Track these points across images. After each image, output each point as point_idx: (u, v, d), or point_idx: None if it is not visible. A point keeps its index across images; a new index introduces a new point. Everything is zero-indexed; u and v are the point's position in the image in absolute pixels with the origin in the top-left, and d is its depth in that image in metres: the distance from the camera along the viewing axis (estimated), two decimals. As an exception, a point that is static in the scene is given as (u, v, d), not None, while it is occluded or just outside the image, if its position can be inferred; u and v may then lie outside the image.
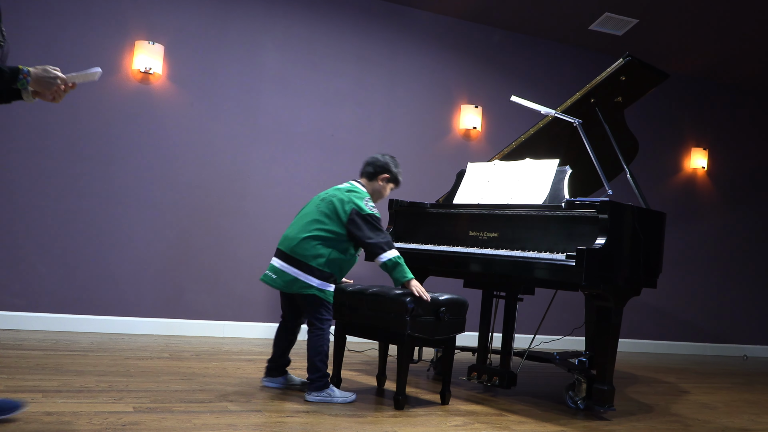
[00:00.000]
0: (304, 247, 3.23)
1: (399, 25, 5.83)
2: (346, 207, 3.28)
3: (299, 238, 3.25)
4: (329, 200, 3.33)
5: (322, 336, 3.23)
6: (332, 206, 3.30)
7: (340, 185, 3.48)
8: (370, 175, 3.51)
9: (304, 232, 3.26)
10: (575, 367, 3.62)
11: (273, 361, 3.48)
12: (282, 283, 3.27)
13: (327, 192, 3.43)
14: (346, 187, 3.42)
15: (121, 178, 4.92)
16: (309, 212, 3.36)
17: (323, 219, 3.28)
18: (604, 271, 3.18)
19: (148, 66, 4.92)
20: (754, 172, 7.33)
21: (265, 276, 3.36)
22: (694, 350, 6.93)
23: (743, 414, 3.89)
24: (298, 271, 3.23)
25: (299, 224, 3.33)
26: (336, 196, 3.33)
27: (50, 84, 2.34)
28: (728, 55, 6.63)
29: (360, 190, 3.41)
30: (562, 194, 3.59)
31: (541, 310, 4.34)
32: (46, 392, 2.93)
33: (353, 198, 3.32)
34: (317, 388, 3.19)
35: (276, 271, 3.30)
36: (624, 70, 3.89)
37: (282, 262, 3.29)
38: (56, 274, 4.73)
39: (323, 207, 3.32)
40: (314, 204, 3.40)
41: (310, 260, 3.22)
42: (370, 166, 3.52)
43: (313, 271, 3.21)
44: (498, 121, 6.10)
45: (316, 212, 3.32)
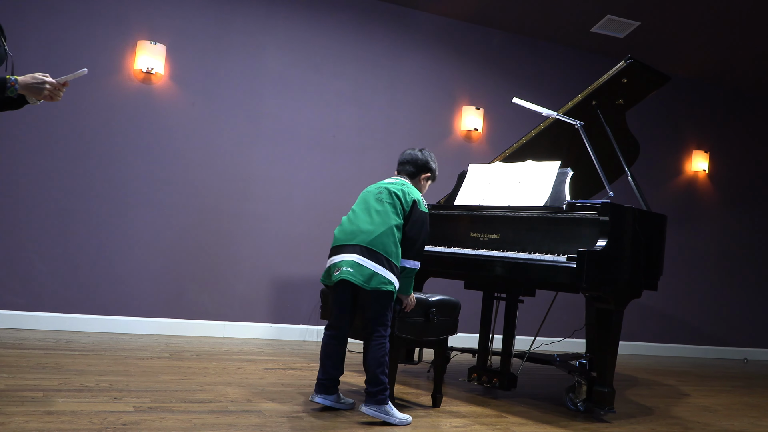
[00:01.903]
0: (383, 241, 3.00)
1: (400, 26, 5.83)
2: (408, 198, 3.11)
3: (378, 232, 3.01)
4: (391, 191, 3.12)
5: (384, 345, 2.99)
6: (396, 197, 3.10)
7: (390, 180, 3.26)
8: (412, 174, 3.32)
9: (381, 225, 3.03)
10: (575, 369, 3.61)
11: (326, 377, 3.10)
12: (361, 279, 2.95)
13: (380, 185, 3.21)
14: (401, 182, 3.23)
15: (123, 177, 4.92)
16: (373, 205, 3.11)
17: (391, 212, 3.07)
18: (605, 273, 3.18)
19: (150, 66, 4.93)
20: (755, 175, 7.33)
21: (342, 273, 3.00)
22: (694, 353, 6.93)
23: (743, 417, 3.88)
24: (377, 265, 2.97)
25: (369, 217, 3.08)
26: (396, 186, 3.15)
27: (39, 89, 2.57)
28: (730, 57, 6.63)
29: (414, 188, 3.22)
30: (564, 196, 3.59)
31: (541, 312, 4.34)
32: (46, 391, 2.93)
33: (413, 191, 3.16)
34: (377, 402, 2.93)
35: (353, 265, 2.98)
36: (625, 73, 3.89)
37: (360, 256, 2.99)
38: (57, 274, 4.74)
39: (387, 198, 3.11)
40: (373, 197, 3.15)
41: (390, 255, 3.01)
42: (410, 165, 3.32)
43: (392, 266, 3.01)
44: (499, 123, 6.10)
45: (383, 204, 3.09)
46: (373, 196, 3.16)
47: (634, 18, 5.98)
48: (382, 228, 3.03)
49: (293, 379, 3.75)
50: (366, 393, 2.97)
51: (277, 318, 5.35)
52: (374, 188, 3.22)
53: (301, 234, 5.42)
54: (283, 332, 5.34)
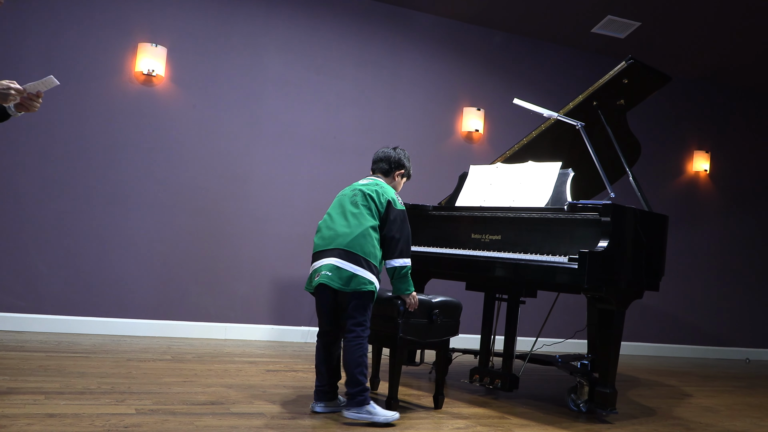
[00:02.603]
0: (360, 242, 3.01)
1: (401, 27, 5.83)
2: (382, 198, 3.10)
3: (355, 233, 3.02)
4: (365, 193, 3.12)
5: (362, 345, 2.98)
6: (370, 199, 3.10)
7: (364, 181, 3.26)
8: (386, 172, 3.33)
9: (357, 227, 3.04)
10: (577, 370, 3.61)
11: (323, 383, 3.09)
12: (339, 281, 2.97)
13: (354, 187, 3.21)
14: (375, 182, 3.23)
15: (124, 179, 4.93)
16: (349, 208, 3.12)
17: (366, 214, 3.08)
18: (606, 274, 3.18)
19: (150, 68, 4.93)
20: (757, 175, 7.32)
21: (321, 278, 3.02)
22: (696, 353, 6.92)
23: (745, 417, 3.88)
24: (356, 266, 2.99)
25: (346, 221, 3.09)
26: (370, 188, 3.15)
27: (5, 96, 2.67)
28: (731, 57, 6.63)
29: (389, 187, 3.22)
30: (565, 197, 3.59)
31: (543, 313, 4.34)
32: (48, 394, 2.93)
33: (387, 190, 3.16)
34: (358, 404, 2.92)
35: (332, 268, 3.00)
36: (626, 73, 3.89)
37: (338, 259, 3.01)
38: (58, 276, 4.74)
39: (362, 200, 3.11)
40: (348, 200, 3.16)
41: (369, 256, 3.02)
42: (383, 163, 3.34)
43: (371, 266, 3.02)
44: (500, 124, 6.10)
45: (359, 207, 3.10)
46: (348, 199, 3.17)
47: (634, 18, 5.97)
48: (359, 230, 3.04)
49: (295, 380, 3.75)
50: (346, 395, 2.97)
51: (278, 320, 5.35)
52: (349, 191, 3.22)
53: (302, 235, 5.42)
54: (284, 334, 5.33)
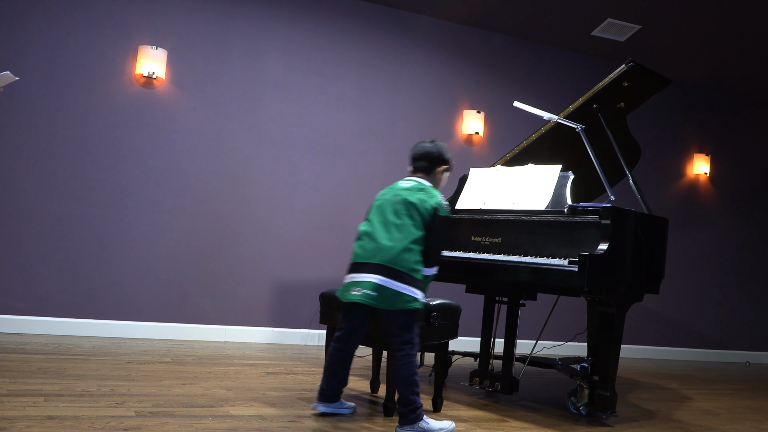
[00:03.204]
0: (404, 258, 2.85)
1: (402, 30, 5.84)
2: (427, 206, 2.93)
3: (398, 248, 2.85)
4: (409, 202, 2.94)
5: (413, 363, 2.85)
6: (414, 209, 2.93)
7: (406, 184, 3.05)
8: (427, 170, 3.10)
9: (401, 241, 2.87)
10: (577, 372, 3.61)
11: (330, 388, 3.05)
12: (384, 302, 2.83)
13: (396, 192, 3.02)
14: (418, 185, 3.03)
15: (124, 182, 4.93)
16: (391, 219, 2.94)
17: (411, 225, 2.91)
18: (607, 277, 3.18)
19: (151, 71, 4.94)
20: (757, 178, 7.32)
21: (362, 297, 2.86)
22: (696, 356, 6.92)
23: (746, 421, 3.87)
24: (400, 284, 2.83)
25: (388, 233, 2.91)
26: (414, 195, 2.96)
27: None
28: (731, 61, 6.63)
29: (432, 188, 3.03)
30: (565, 200, 3.59)
31: (543, 316, 4.34)
32: (48, 396, 2.93)
33: (432, 195, 2.98)
34: (411, 422, 2.80)
35: (375, 287, 2.83)
36: (626, 76, 3.89)
37: (381, 276, 2.84)
38: (59, 278, 4.74)
39: (405, 210, 2.93)
40: (390, 207, 2.97)
41: (413, 272, 2.87)
42: (423, 160, 3.10)
43: (415, 282, 2.87)
44: (500, 127, 6.10)
45: (402, 217, 2.92)
46: (391, 207, 2.98)
47: (634, 21, 5.98)
48: (402, 243, 2.88)
49: (295, 383, 3.75)
50: (398, 414, 2.86)
51: (278, 322, 5.35)
52: (390, 196, 3.02)
53: (303, 238, 5.42)
54: (284, 336, 5.33)
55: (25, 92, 4.70)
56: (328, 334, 3.46)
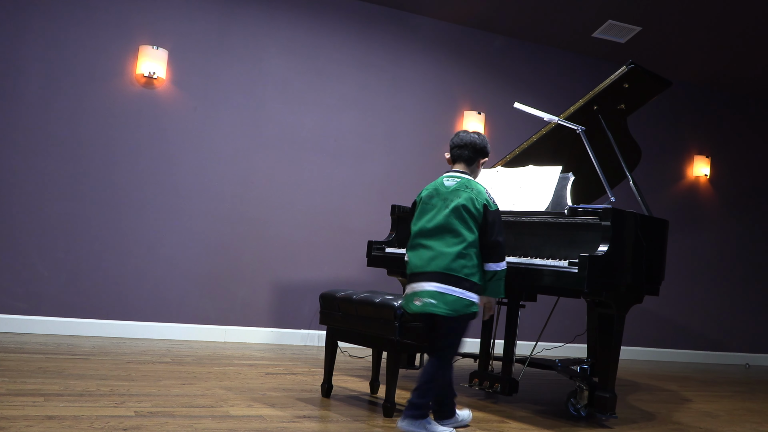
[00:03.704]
0: (460, 263, 2.84)
1: (402, 31, 5.84)
2: (477, 205, 2.90)
3: (454, 253, 2.84)
4: (460, 207, 2.89)
5: (451, 366, 2.98)
6: (465, 211, 2.89)
7: (450, 182, 2.99)
8: (470, 160, 3.04)
9: (456, 245, 2.85)
10: (577, 374, 3.61)
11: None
12: (446, 308, 2.82)
13: (442, 192, 2.97)
14: (463, 181, 2.97)
15: (124, 182, 4.93)
16: (442, 222, 2.90)
17: (464, 229, 2.87)
18: (606, 278, 3.18)
19: (151, 71, 4.94)
20: (757, 180, 7.32)
21: (426, 306, 2.86)
22: (696, 358, 6.91)
23: (745, 422, 3.87)
24: (459, 289, 2.84)
25: (443, 240, 2.89)
26: (462, 195, 2.91)
27: None
28: (731, 62, 6.64)
29: (476, 183, 2.99)
30: (565, 201, 3.59)
31: (543, 317, 4.33)
32: (47, 396, 2.93)
33: (479, 191, 2.94)
34: (415, 417, 2.83)
35: (435, 295, 2.83)
36: (627, 78, 3.90)
37: (440, 284, 2.84)
38: (58, 278, 4.74)
39: (457, 214, 2.89)
40: (443, 215, 2.91)
41: (471, 275, 2.86)
42: (467, 150, 3.03)
43: (473, 284, 2.87)
44: (501, 128, 6.10)
45: (454, 221, 2.88)
46: (442, 213, 2.92)
47: (635, 23, 5.98)
48: (458, 248, 2.86)
49: (294, 383, 3.75)
50: (432, 411, 2.96)
51: (278, 323, 5.35)
52: (439, 200, 2.96)
53: (303, 239, 5.42)
54: (284, 337, 5.33)
55: (25, 92, 4.71)
56: (327, 334, 3.46)
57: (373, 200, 5.61)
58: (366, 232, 5.37)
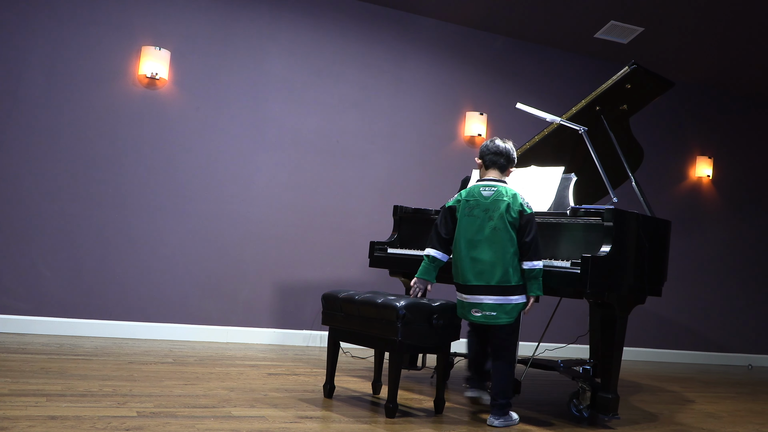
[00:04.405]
0: (510, 272, 3.09)
1: (404, 32, 5.84)
2: (513, 213, 3.09)
3: (504, 265, 3.08)
4: (499, 214, 3.09)
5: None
6: (505, 220, 3.08)
7: (487, 192, 3.17)
8: (503, 167, 3.24)
9: (505, 255, 3.08)
10: (579, 375, 3.60)
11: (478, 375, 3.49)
12: (506, 317, 3.13)
13: (481, 202, 3.15)
14: (500, 190, 3.15)
15: (127, 182, 4.94)
16: (489, 234, 3.09)
17: (507, 239, 3.08)
18: (609, 279, 3.17)
19: (154, 71, 4.94)
20: (760, 181, 7.31)
21: (488, 318, 3.13)
22: (698, 359, 6.91)
23: (748, 424, 3.86)
24: (513, 296, 3.11)
25: (492, 250, 3.09)
26: (499, 204, 3.11)
27: None
28: (733, 63, 6.63)
29: (511, 189, 3.17)
30: (567, 201, 3.59)
31: (545, 318, 4.33)
32: (49, 396, 2.93)
33: (514, 198, 3.12)
34: (502, 413, 3.19)
35: (495, 307, 3.11)
36: (629, 79, 3.89)
37: (497, 296, 3.11)
38: (61, 279, 4.75)
39: (499, 223, 3.08)
40: (485, 224, 3.11)
41: (519, 281, 3.13)
42: (502, 158, 3.22)
43: (519, 287, 3.13)
44: (503, 129, 6.10)
45: (499, 232, 3.08)
46: (489, 227, 3.10)
47: (637, 24, 5.98)
48: (507, 258, 3.09)
49: (296, 384, 3.75)
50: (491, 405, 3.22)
51: (280, 323, 5.35)
52: (482, 213, 3.13)
53: (305, 239, 5.43)
54: (286, 337, 5.33)
55: (28, 93, 4.71)
56: (330, 335, 3.46)
57: (375, 201, 5.61)
58: (368, 233, 5.37)
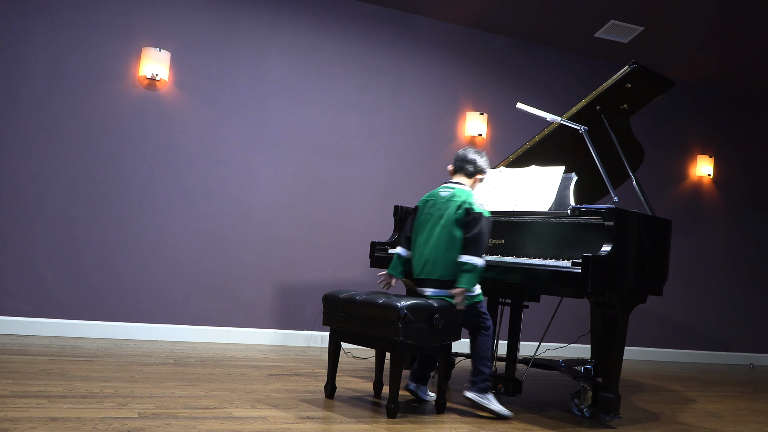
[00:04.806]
0: (449, 268, 3.30)
1: (404, 32, 5.84)
2: (461, 210, 3.29)
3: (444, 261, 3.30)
4: (449, 212, 3.30)
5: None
6: (455, 215, 3.28)
7: (444, 191, 3.40)
8: (470, 174, 3.47)
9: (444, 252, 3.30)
10: (581, 374, 3.60)
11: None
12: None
13: (435, 199, 3.39)
14: (457, 191, 3.36)
15: (127, 183, 4.94)
16: (438, 231, 3.31)
17: (454, 233, 3.29)
18: (610, 279, 3.17)
19: (154, 72, 4.94)
20: (760, 180, 7.31)
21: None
22: (700, 358, 6.90)
23: (750, 423, 3.86)
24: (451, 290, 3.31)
25: (435, 245, 3.31)
26: (452, 205, 3.31)
27: None
28: (734, 62, 6.63)
29: (467, 191, 3.37)
30: (568, 201, 3.59)
31: (546, 318, 4.33)
32: (51, 398, 2.93)
33: (468, 197, 3.32)
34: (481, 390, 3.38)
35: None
36: (629, 78, 3.89)
37: (433, 288, 3.34)
38: (62, 280, 4.75)
39: (447, 219, 3.30)
40: (434, 218, 3.34)
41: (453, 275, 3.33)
42: (470, 165, 3.46)
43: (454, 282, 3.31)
44: (503, 128, 6.10)
45: (445, 230, 3.30)
46: (440, 225, 3.31)
47: (637, 23, 5.98)
48: (447, 254, 3.29)
49: (298, 385, 3.75)
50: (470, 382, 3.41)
51: (281, 324, 5.35)
52: (436, 212, 3.34)
53: (306, 240, 5.43)
54: (287, 338, 5.33)
55: (28, 94, 4.72)
56: (331, 335, 3.45)
57: (375, 201, 5.61)
58: (369, 233, 5.36)
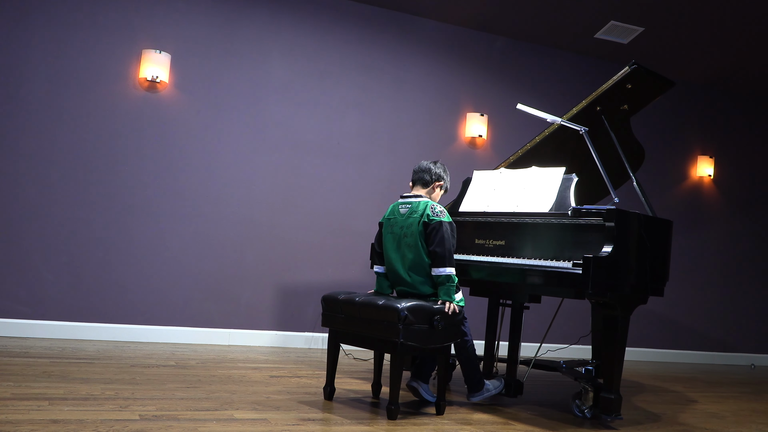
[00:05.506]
0: (420, 283, 3.41)
1: (405, 33, 5.84)
2: (420, 224, 3.36)
3: (414, 277, 3.41)
4: (411, 231, 3.38)
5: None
6: (415, 232, 3.36)
7: (403, 208, 3.47)
8: (426, 183, 3.56)
9: (413, 268, 3.40)
10: (582, 375, 3.60)
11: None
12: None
13: (396, 218, 3.47)
14: (413, 206, 3.43)
15: (128, 185, 4.94)
16: (404, 250, 3.40)
17: (416, 250, 3.36)
18: (611, 279, 3.17)
19: (154, 75, 4.95)
20: (761, 180, 7.30)
21: None
22: (701, 359, 6.90)
23: (752, 423, 3.86)
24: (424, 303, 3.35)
25: (403, 262, 3.41)
26: (412, 223, 3.38)
27: None
28: (734, 62, 6.63)
29: (424, 202, 3.44)
30: (569, 202, 3.59)
31: (547, 319, 4.33)
32: (52, 400, 2.93)
33: (425, 210, 3.38)
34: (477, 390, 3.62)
35: None
36: (630, 78, 3.89)
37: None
38: (63, 282, 4.75)
39: (409, 238, 3.38)
40: (398, 237, 3.43)
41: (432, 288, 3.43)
42: (426, 174, 3.56)
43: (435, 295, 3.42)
44: (504, 129, 6.10)
45: (408, 249, 3.38)
46: (403, 243, 3.41)
47: (637, 24, 5.98)
48: (416, 270, 3.40)
49: (298, 386, 3.74)
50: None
51: (282, 325, 5.35)
52: (398, 230, 3.44)
53: (306, 241, 5.43)
54: (288, 340, 5.33)
55: (28, 96, 4.72)
56: (330, 337, 3.45)
57: (376, 202, 5.61)
58: (369, 234, 5.36)
